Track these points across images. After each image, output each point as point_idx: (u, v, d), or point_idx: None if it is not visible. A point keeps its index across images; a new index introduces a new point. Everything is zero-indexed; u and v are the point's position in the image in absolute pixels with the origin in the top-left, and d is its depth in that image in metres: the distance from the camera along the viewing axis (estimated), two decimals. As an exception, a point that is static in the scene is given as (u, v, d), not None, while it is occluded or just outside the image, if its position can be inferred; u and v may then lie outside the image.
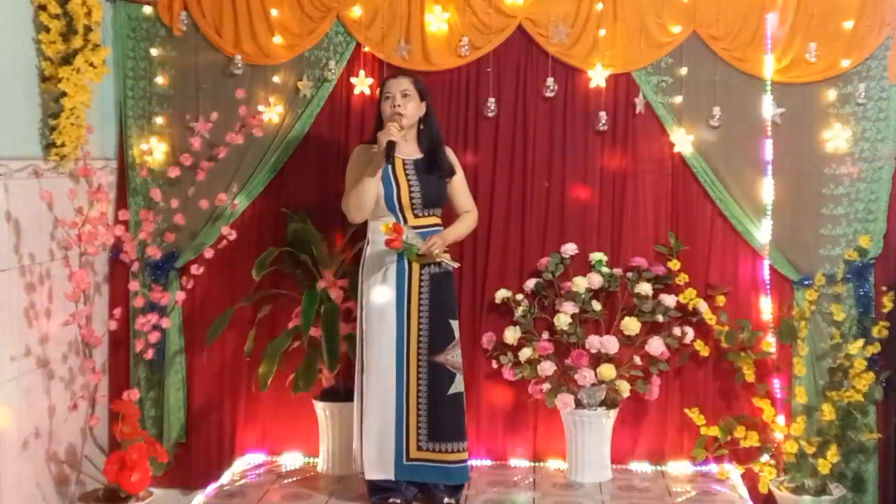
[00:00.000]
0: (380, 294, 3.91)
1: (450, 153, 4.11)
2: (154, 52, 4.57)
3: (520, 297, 4.48)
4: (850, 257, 4.33)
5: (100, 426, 4.42)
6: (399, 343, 3.91)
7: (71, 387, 4.28)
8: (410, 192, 3.92)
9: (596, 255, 4.48)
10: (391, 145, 3.77)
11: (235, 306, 4.43)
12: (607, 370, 4.30)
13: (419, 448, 3.93)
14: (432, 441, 3.92)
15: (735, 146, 4.42)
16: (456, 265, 4.01)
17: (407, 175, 3.93)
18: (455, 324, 4.00)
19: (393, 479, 3.94)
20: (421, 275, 3.93)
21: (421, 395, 3.92)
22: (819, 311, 4.35)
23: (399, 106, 3.89)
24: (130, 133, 4.59)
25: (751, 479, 4.33)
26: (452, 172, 4.07)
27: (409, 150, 3.98)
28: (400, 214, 3.91)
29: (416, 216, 3.94)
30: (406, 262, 3.91)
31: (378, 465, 3.94)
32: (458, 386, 3.97)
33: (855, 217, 4.37)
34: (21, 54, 3.92)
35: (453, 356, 3.96)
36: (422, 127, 4.01)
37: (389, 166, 3.87)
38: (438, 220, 4.02)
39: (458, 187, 4.11)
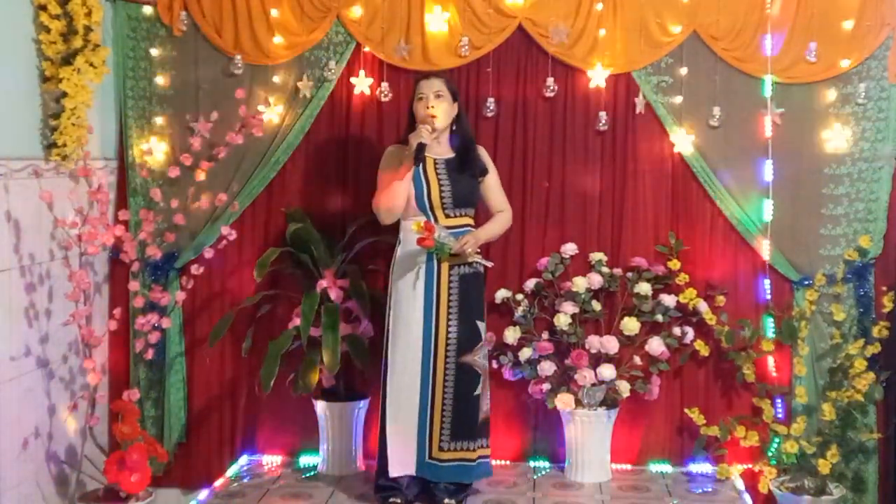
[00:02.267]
0: (407, 293, 3.91)
1: (483, 153, 4.12)
2: (154, 52, 4.57)
3: (520, 297, 4.48)
4: (850, 257, 4.33)
5: (100, 426, 4.42)
6: (426, 343, 3.91)
7: (71, 387, 4.29)
8: (441, 191, 3.92)
9: (596, 255, 4.48)
10: (421, 147, 3.77)
11: (236, 309, 4.43)
12: (607, 370, 4.30)
13: (441, 448, 3.92)
14: (455, 440, 3.92)
15: (735, 146, 4.41)
16: (490, 264, 4.01)
17: (438, 175, 3.94)
18: (482, 325, 4.00)
19: (414, 474, 3.93)
20: (450, 275, 3.93)
21: (447, 395, 3.91)
22: (819, 311, 4.35)
23: (433, 107, 3.89)
24: (130, 133, 4.59)
25: (751, 479, 4.33)
26: (484, 172, 4.07)
27: (441, 150, 3.99)
28: (430, 214, 3.91)
29: (446, 216, 3.94)
30: (436, 262, 3.90)
31: (401, 463, 3.93)
32: (481, 387, 3.98)
33: (855, 217, 4.37)
34: (21, 54, 3.92)
35: (480, 357, 3.97)
36: (454, 127, 4.01)
37: (420, 166, 3.88)
38: (470, 221, 4.02)
39: (491, 187, 4.11)
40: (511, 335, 4.43)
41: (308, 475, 4.47)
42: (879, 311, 4.30)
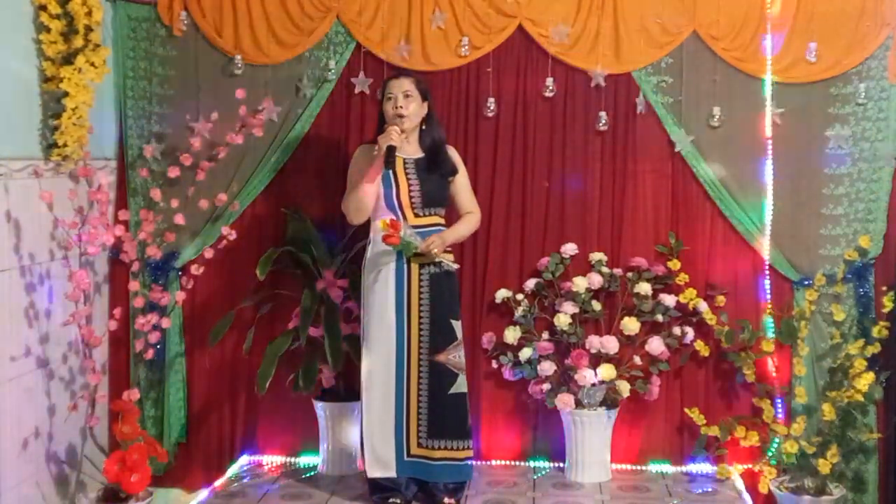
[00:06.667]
0: (379, 293, 3.91)
1: (453, 153, 4.11)
2: (154, 52, 4.57)
3: (520, 297, 4.48)
4: (850, 257, 4.33)
5: (100, 426, 4.42)
6: (399, 342, 3.92)
7: (71, 387, 4.28)
8: (410, 191, 3.92)
9: (596, 255, 4.48)
10: (391, 150, 3.77)
11: (236, 308, 4.43)
12: (607, 370, 4.30)
13: (419, 445, 3.94)
14: (433, 438, 3.93)
15: (735, 146, 4.42)
16: (456, 266, 4.01)
17: (407, 174, 3.93)
18: (457, 324, 3.99)
19: (395, 475, 3.94)
20: (420, 274, 3.93)
21: (421, 394, 3.93)
22: (819, 311, 4.35)
23: (401, 107, 3.88)
24: (130, 133, 4.59)
25: (751, 479, 4.33)
26: (454, 172, 4.06)
27: (410, 150, 3.98)
28: (400, 213, 3.92)
29: (416, 215, 3.94)
30: (405, 261, 3.91)
31: (379, 464, 3.94)
32: (461, 386, 3.97)
33: (855, 217, 4.37)
34: (21, 54, 3.92)
35: (455, 356, 3.96)
36: (424, 127, 4.01)
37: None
38: (441, 220, 4.02)
39: (461, 187, 4.11)
40: (511, 335, 4.43)
41: (308, 475, 4.47)
42: (879, 311, 4.30)
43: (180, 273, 4.56)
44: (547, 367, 4.34)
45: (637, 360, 4.39)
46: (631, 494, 4.20)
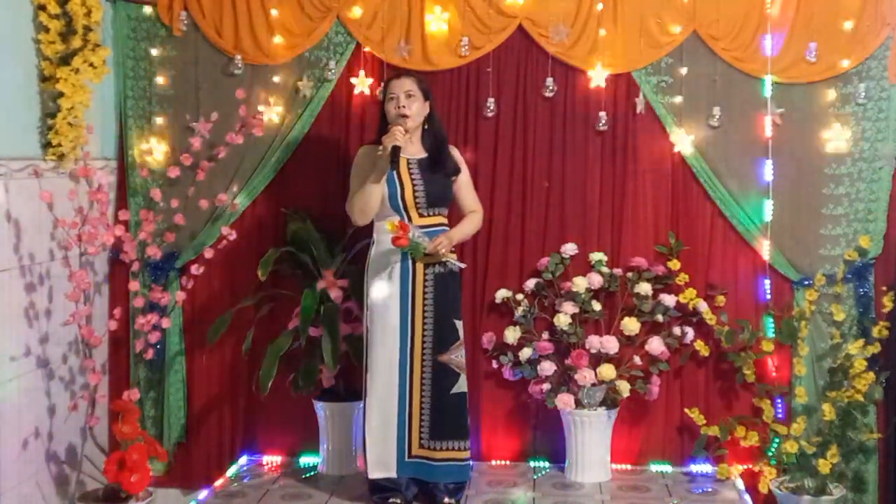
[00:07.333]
0: (383, 293, 3.91)
1: (455, 152, 4.11)
2: (154, 52, 4.57)
3: (520, 297, 4.48)
4: (850, 257, 4.33)
5: (100, 426, 4.42)
6: (403, 342, 3.91)
7: (71, 387, 4.29)
8: (415, 191, 3.92)
9: (596, 255, 4.48)
10: (396, 150, 3.76)
11: (236, 307, 4.43)
12: (607, 370, 4.30)
13: (421, 446, 3.94)
14: (434, 439, 3.93)
15: (735, 146, 4.42)
16: (462, 266, 4.01)
17: (411, 174, 3.93)
18: (459, 324, 4.00)
19: (395, 476, 3.94)
20: (425, 274, 3.93)
21: (424, 394, 3.93)
22: (819, 311, 4.35)
23: (404, 107, 3.88)
24: (130, 133, 4.59)
25: (751, 479, 4.33)
26: (457, 171, 4.07)
27: (413, 150, 3.98)
28: (404, 213, 3.91)
29: (420, 215, 3.94)
30: (410, 261, 3.91)
31: (380, 464, 3.94)
32: (462, 386, 3.97)
33: (855, 217, 4.37)
34: (21, 54, 3.92)
35: (458, 356, 3.96)
36: (426, 126, 4.01)
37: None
38: (444, 220, 4.02)
39: (464, 186, 4.11)
40: (511, 335, 4.43)
41: (308, 475, 4.47)
42: (879, 311, 4.30)
43: (180, 273, 4.56)
44: (547, 367, 4.34)
45: (637, 360, 4.39)
46: (631, 494, 4.20)
